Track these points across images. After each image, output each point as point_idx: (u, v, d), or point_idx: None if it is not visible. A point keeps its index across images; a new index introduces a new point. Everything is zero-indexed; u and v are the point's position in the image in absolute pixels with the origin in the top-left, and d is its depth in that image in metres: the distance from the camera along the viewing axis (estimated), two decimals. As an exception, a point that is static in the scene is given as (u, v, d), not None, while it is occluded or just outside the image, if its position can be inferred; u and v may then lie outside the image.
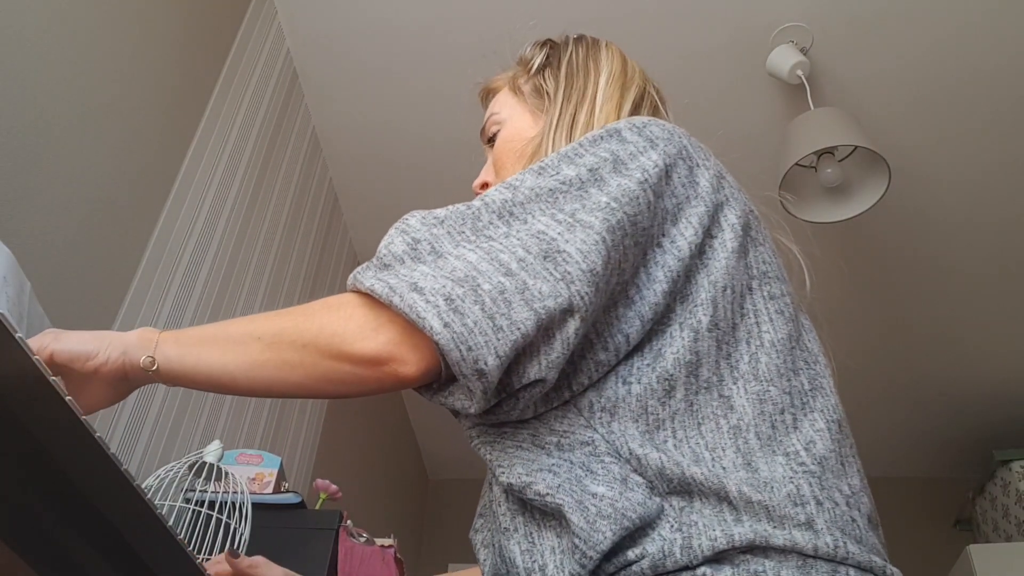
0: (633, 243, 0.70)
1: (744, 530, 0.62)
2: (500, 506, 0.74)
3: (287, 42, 2.28)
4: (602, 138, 0.75)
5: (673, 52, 2.24)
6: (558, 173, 0.72)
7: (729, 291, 0.72)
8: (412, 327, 0.65)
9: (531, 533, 0.69)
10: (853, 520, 0.66)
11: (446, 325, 0.62)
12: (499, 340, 0.62)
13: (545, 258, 0.65)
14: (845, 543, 0.63)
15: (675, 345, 0.69)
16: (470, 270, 0.65)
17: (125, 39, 1.53)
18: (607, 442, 0.67)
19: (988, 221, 2.67)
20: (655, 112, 0.95)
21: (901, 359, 3.26)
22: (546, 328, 0.64)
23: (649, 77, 0.97)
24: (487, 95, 1.04)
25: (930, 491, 3.81)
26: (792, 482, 0.65)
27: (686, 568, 0.62)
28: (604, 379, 0.70)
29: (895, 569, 0.65)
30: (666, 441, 0.67)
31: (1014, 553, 2.92)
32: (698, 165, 0.76)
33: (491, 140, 0.99)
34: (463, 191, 1.00)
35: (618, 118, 0.88)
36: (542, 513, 0.69)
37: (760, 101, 2.36)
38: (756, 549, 0.62)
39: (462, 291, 0.63)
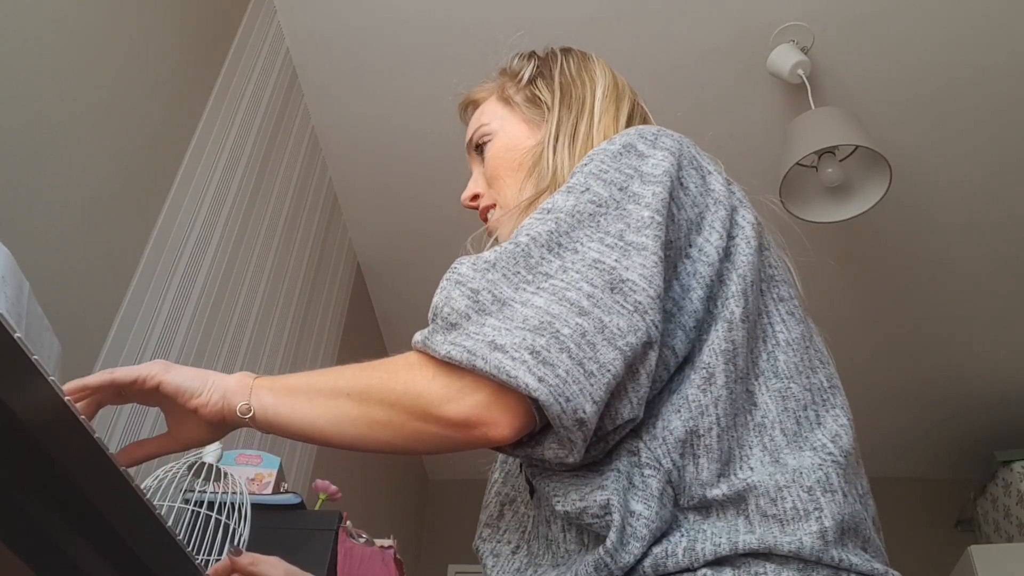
0: (666, 256, 0.70)
1: (751, 539, 0.62)
2: (554, 529, 0.73)
3: (286, 41, 2.28)
4: (621, 153, 0.73)
5: (674, 52, 2.24)
6: (591, 192, 0.70)
7: (754, 285, 0.73)
8: (501, 388, 0.62)
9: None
10: (864, 520, 0.66)
11: (540, 380, 0.59)
12: (592, 385, 0.60)
13: (612, 290, 0.64)
14: (849, 558, 0.63)
15: (711, 336, 0.69)
16: (543, 316, 0.62)
17: (124, 38, 1.53)
18: (649, 449, 0.67)
19: (989, 221, 2.67)
20: (644, 123, 0.94)
21: (902, 359, 3.26)
22: (631, 365, 0.63)
23: (635, 90, 0.97)
24: (468, 106, 1.02)
25: (931, 492, 3.81)
26: (821, 469, 0.65)
27: (687, 570, 0.63)
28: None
29: (896, 573, 0.66)
30: (704, 436, 0.66)
31: (1015, 554, 2.92)
32: (710, 172, 0.77)
33: (478, 149, 0.97)
34: (462, 190, 0.99)
35: (616, 130, 0.88)
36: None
37: (761, 100, 2.36)
38: (759, 554, 0.62)
39: (544, 340, 0.61)
